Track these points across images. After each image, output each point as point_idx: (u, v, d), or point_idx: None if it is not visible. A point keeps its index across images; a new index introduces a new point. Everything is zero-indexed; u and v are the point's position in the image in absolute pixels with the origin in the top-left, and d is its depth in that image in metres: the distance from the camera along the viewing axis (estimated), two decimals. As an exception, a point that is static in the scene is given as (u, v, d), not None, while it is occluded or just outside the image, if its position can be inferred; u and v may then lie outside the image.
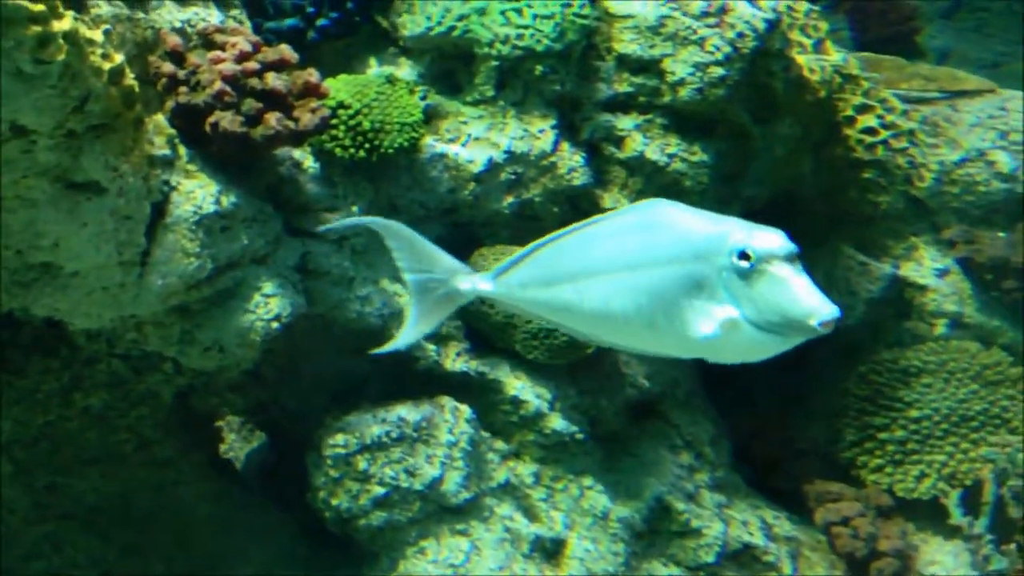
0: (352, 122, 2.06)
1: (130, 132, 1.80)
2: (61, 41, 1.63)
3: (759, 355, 1.45)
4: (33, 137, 1.67)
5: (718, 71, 2.20)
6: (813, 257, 2.55)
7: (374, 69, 2.21)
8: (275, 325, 1.92)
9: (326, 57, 2.20)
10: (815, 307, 1.37)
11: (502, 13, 2.14)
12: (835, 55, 2.42)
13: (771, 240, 1.39)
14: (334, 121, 2.05)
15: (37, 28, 1.59)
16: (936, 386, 2.40)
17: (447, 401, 2.09)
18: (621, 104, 2.24)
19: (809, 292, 1.39)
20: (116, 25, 1.86)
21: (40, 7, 1.60)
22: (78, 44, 1.67)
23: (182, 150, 1.90)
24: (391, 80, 2.13)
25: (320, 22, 2.18)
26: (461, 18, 2.16)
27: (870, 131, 2.43)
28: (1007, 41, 3.95)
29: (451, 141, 2.17)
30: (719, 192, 2.31)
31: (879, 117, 2.42)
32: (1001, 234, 2.43)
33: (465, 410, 2.09)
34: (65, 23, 1.65)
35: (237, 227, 1.90)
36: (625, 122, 2.24)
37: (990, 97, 2.52)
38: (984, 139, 2.45)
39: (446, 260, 1.54)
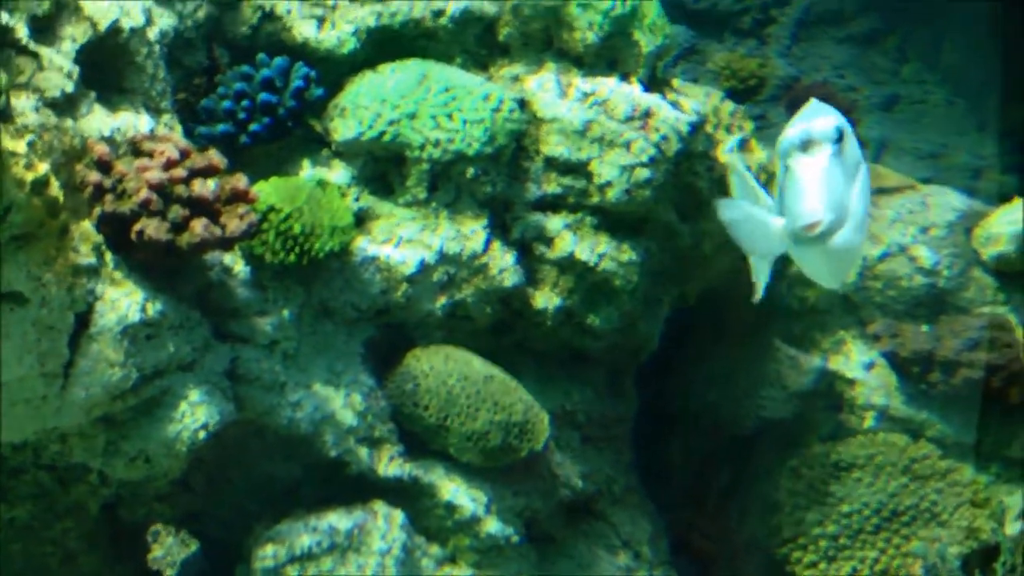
0: (283, 226, 2.06)
1: (54, 241, 1.79)
2: (-18, 154, 1.63)
3: (820, 273, 1.42)
4: (-48, 249, 1.66)
5: (644, 173, 2.24)
6: (744, 351, 2.58)
7: (307, 171, 2.22)
8: (202, 434, 1.89)
9: (259, 160, 2.22)
10: (799, 209, 1.31)
11: (433, 118, 2.17)
12: (760, 153, 2.48)
13: (794, 129, 1.35)
14: (264, 225, 2.05)
15: (-43, 141, 1.59)
16: (866, 480, 2.41)
17: (380, 506, 2.06)
18: (551, 204, 2.27)
19: (805, 189, 1.32)
20: (43, 134, 1.86)
21: (-40, 121, 1.60)
22: (1, 156, 1.67)
23: (108, 257, 1.89)
24: (322, 184, 2.14)
25: (252, 127, 2.19)
26: (392, 123, 2.18)
27: (795, 228, 2.47)
28: (946, 132, 4.05)
29: (384, 242, 2.18)
30: (649, 289, 2.34)
31: (803, 214, 2.47)
32: (924, 327, 2.46)
33: (398, 515, 2.06)
34: (-14, 136, 1.65)
35: (163, 335, 1.89)
36: (555, 222, 2.27)
37: (910, 193, 2.58)
38: (905, 234, 2.51)
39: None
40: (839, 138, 1.39)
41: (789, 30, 4.35)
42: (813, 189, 1.32)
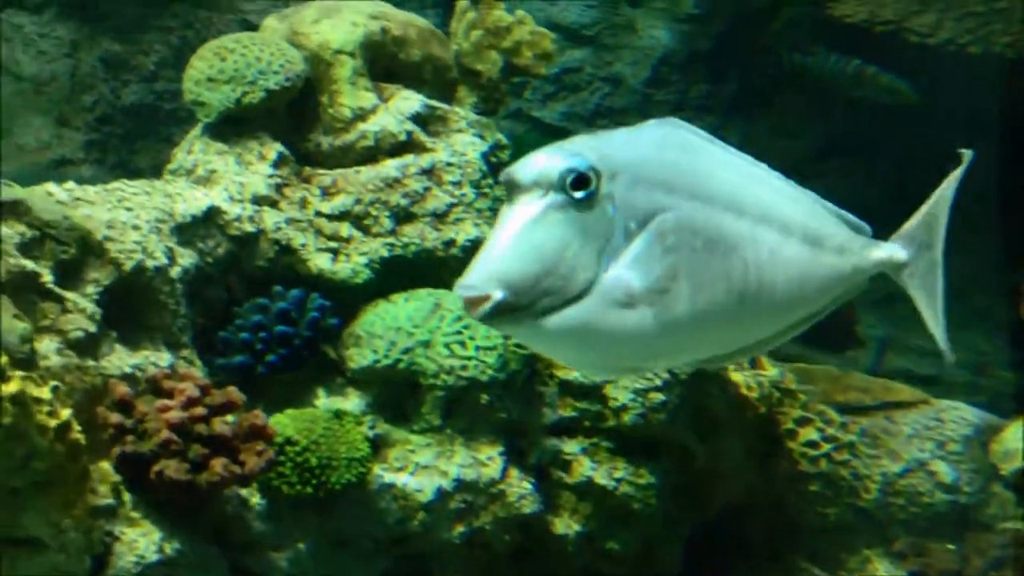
0: (299, 459, 2.07)
1: (74, 485, 1.80)
2: (8, 404, 1.66)
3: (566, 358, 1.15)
4: (-27, 501, 1.66)
5: (658, 396, 2.27)
6: (768, 571, 2.53)
7: (322, 400, 2.24)
8: None
9: (275, 388, 2.24)
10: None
11: (446, 346, 2.21)
12: (771, 370, 2.51)
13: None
14: (281, 458, 2.06)
15: (-16, 393, 1.62)
16: None
17: None
18: (566, 428, 2.29)
19: (479, 254, 1.01)
20: (65, 376, 1.89)
21: (-12, 372, 1.63)
22: (25, 404, 1.69)
23: (126, 496, 1.89)
24: (338, 415, 2.16)
25: (269, 358, 2.22)
26: (407, 351, 2.22)
27: (812, 444, 2.48)
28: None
29: (399, 470, 2.18)
30: (668, 510, 2.32)
31: (819, 430, 2.49)
32: (950, 546, 2.43)
33: None
34: (12, 386, 1.68)
35: (181, 575, 1.87)
36: (571, 446, 2.28)
37: (924, 408, 2.60)
38: (923, 450, 2.51)
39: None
40: (576, 184, 1.03)
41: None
42: (486, 253, 1.01)
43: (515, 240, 1.01)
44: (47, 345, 1.90)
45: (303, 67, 2.42)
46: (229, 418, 1.97)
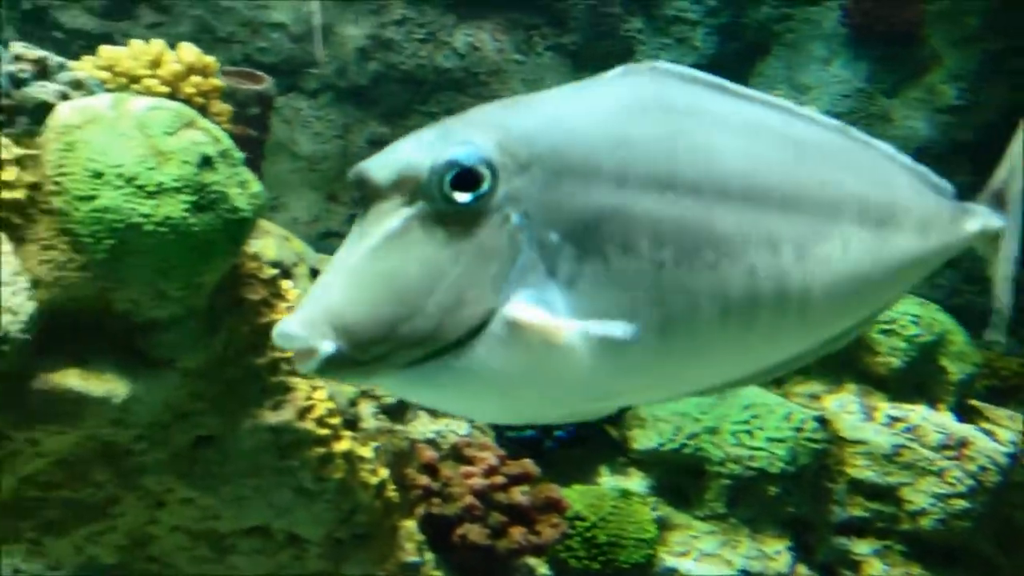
0: (588, 534, 2.12)
1: (388, 540, 1.91)
2: (340, 460, 1.79)
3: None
4: (305, 545, 1.79)
5: (961, 503, 2.20)
6: None
7: (605, 477, 2.29)
8: None
9: (560, 463, 2.31)
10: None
11: (733, 434, 2.22)
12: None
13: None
14: (570, 531, 2.12)
15: (321, 450, 1.76)
16: None
17: None
18: (857, 528, 2.24)
19: (317, 284, 0.72)
20: (379, 437, 2.03)
21: (325, 431, 1.77)
22: (352, 462, 1.82)
23: (428, 556, 1.98)
24: (625, 494, 2.20)
25: (557, 433, 2.30)
26: (692, 436, 2.25)
27: None
28: None
29: (681, 555, 2.19)
30: (964, 624, 2.23)
31: None
32: None
33: None
34: (343, 444, 1.81)
35: (475, 638, 1.94)
36: (861, 547, 2.23)
37: None
38: None
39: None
40: (458, 183, 0.73)
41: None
42: (319, 287, 0.72)
43: (360, 269, 0.72)
44: (365, 409, 2.04)
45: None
46: (525, 489, 2.05)
